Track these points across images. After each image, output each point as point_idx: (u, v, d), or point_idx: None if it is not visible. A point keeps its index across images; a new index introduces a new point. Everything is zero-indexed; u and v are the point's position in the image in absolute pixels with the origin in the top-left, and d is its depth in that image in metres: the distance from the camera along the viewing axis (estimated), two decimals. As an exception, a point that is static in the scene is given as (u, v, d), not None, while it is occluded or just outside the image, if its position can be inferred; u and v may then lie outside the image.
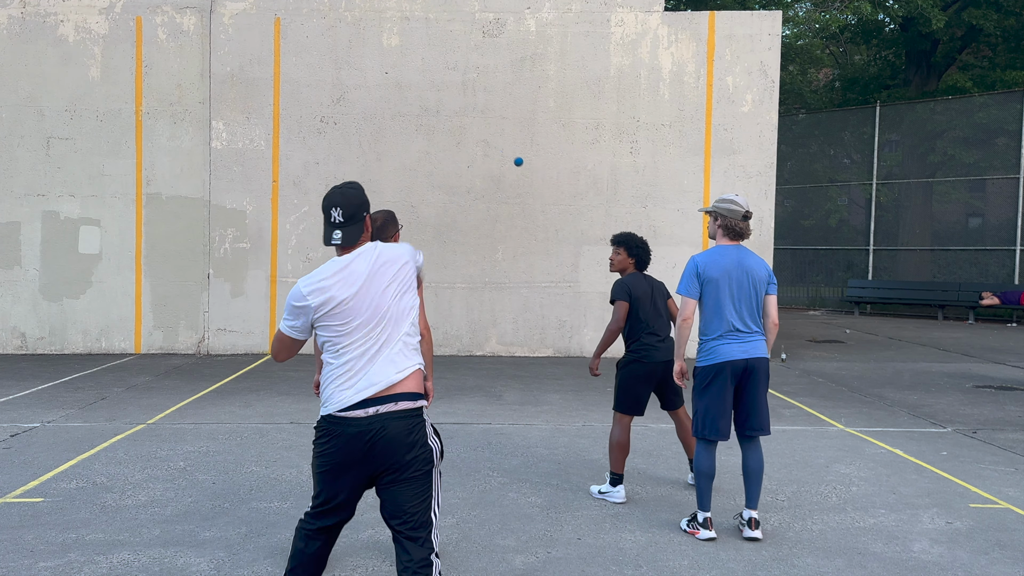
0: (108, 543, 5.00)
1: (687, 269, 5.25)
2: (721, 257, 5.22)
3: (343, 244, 3.44)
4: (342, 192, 3.50)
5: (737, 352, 5.14)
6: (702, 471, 5.26)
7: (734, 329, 5.16)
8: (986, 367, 12.79)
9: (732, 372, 5.15)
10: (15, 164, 13.11)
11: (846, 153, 26.50)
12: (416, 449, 3.36)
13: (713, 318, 5.19)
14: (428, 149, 13.32)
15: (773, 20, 13.38)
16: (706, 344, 5.23)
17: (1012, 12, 23.33)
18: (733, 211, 5.24)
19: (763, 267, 5.26)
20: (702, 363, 5.23)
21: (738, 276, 5.18)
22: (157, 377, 10.98)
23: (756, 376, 5.17)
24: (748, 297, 5.18)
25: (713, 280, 5.17)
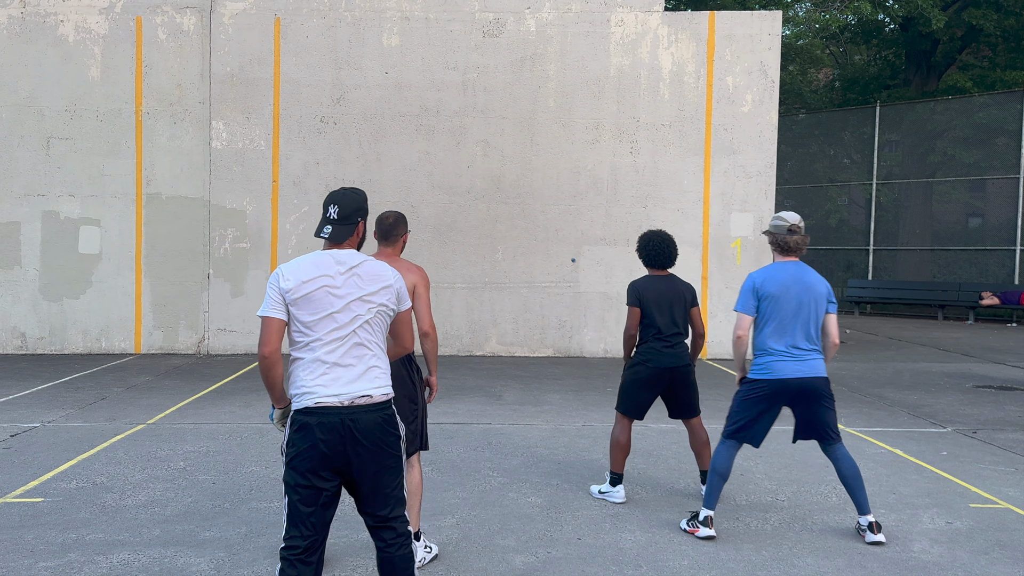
0: (108, 543, 5.00)
1: (745, 285, 5.19)
2: (779, 273, 5.14)
3: (330, 239, 3.63)
4: (343, 193, 3.71)
5: (792, 371, 5.08)
6: (717, 469, 5.23)
7: (791, 347, 5.09)
8: (986, 367, 12.79)
9: (782, 391, 5.09)
10: (15, 164, 13.11)
11: (846, 153, 26.50)
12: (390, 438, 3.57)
13: (769, 335, 5.11)
14: (428, 149, 13.32)
15: (773, 20, 13.38)
16: (762, 358, 5.16)
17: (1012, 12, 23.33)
18: (778, 226, 5.20)
19: (823, 284, 5.17)
20: (754, 375, 5.18)
21: (797, 292, 5.09)
22: (157, 377, 10.98)
23: (816, 394, 5.11)
24: (807, 314, 5.09)
25: (771, 296, 5.10)
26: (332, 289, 3.51)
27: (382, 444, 3.49)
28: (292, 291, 3.49)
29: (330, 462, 3.43)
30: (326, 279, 3.51)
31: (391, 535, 3.54)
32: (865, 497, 5.18)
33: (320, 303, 3.49)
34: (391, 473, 3.54)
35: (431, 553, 4.77)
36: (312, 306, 3.49)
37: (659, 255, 5.91)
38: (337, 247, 3.63)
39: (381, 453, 3.50)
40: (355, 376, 3.50)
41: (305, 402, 3.45)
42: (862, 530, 5.21)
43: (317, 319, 3.50)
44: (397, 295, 3.65)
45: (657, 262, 5.93)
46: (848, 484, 5.19)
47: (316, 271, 3.53)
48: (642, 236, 6.04)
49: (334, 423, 3.42)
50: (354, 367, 3.51)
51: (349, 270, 3.56)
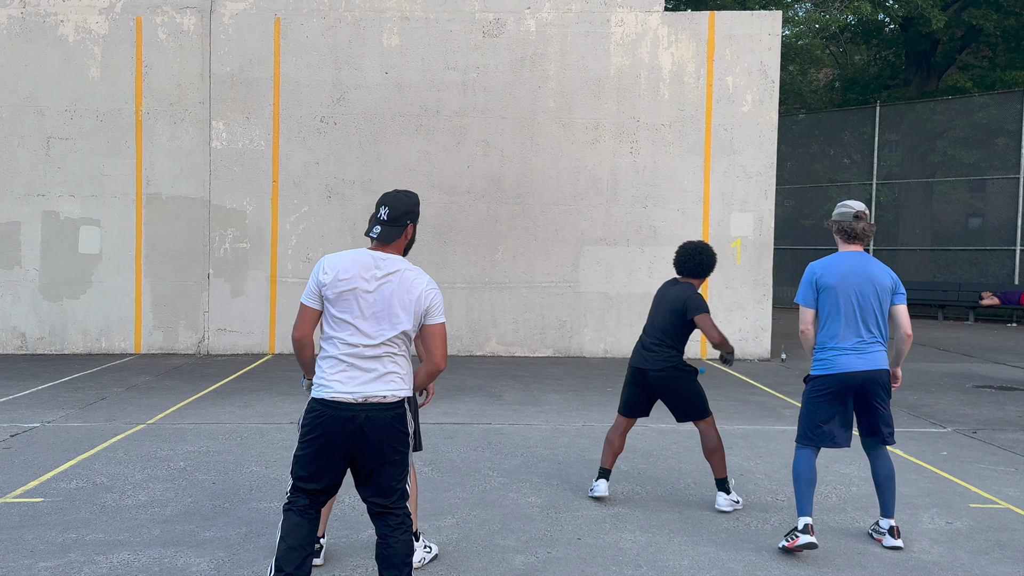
0: (108, 543, 5.00)
1: (805, 276, 5.04)
2: (840, 263, 4.97)
3: (379, 239, 3.70)
4: (396, 195, 3.78)
5: (856, 364, 4.90)
6: (800, 475, 5.02)
7: (854, 339, 4.92)
8: (986, 367, 12.79)
9: (848, 385, 4.93)
10: (15, 164, 13.11)
11: (846, 153, 26.49)
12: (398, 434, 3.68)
13: (831, 327, 4.95)
14: (428, 149, 13.32)
15: (773, 20, 13.39)
16: (823, 353, 5.00)
17: (1012, 12, 23.33)
18: (843, 213, 5.05)
19: (887, 274, 4.99)
20: (816, 371, 5.02)
21: (857, 283, 4.92)
22: (157, 377, 10.98)
23: (876, 388, 4.94)
24: (870, 305, 4.91)
25: (830, 287, 4.93)
26: (363, 293, 3.61)
27: (389, 440, 3.61)
28: (328, 285, 3.62)
29: (336, 450, 3.60)
30: (361, 281, 3.61)
31: (394, 520, 3.68)
32: (894, 501, 5.09)
33: (348, 304, 3.61)
34: (395, 467, 3.66)
35: (431, 553, 4.77)
36: (341, 305, 3.62)
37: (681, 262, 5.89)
38: (384, 248, 3.72)
39: (386, 449, 3.61)
40: (371, 379, 3.61)
41: (322, 393, 3.62)
42: (880, 533, 5.11)
43: (343, 319, 3.62)
44: (427, 309, 3.68)
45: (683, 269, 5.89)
46: (881, 485, 5.08)
47: (354, 270, 3.62)
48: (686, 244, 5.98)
49: (345, 418, 3.57)
50: (372, 372, 3.62)
51: (386, 276, 3.63)
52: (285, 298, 13.27)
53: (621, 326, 13.40)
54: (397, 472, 3.66)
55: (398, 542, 3.66)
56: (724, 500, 5.74)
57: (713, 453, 5.74)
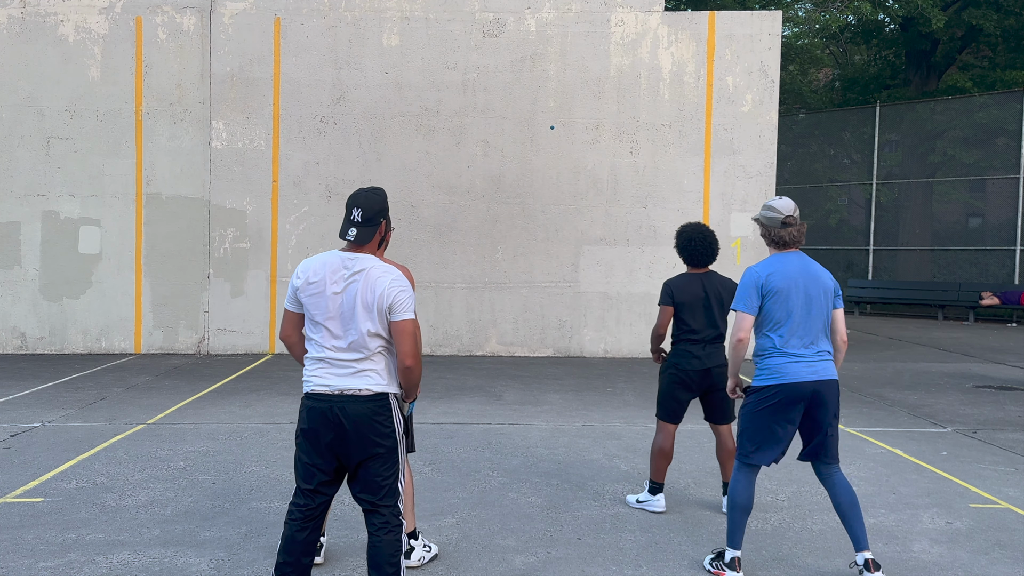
0: (108, 543, 5.00)
1: (745, 280, 4.56)
2: (784, 265, 4.56)
3: (355, 242, 3.74)
4: (367, 195, 3.81)
5: (804, 374, 4.47)
6: (736, 501, 4.58)
7: (799, 347, 4.50)
8: (986, 367, 12.79)
9: (797, 396, 4.47)
10: (15, 164, 13.11)
11: (846, 153, 26.49)
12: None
13: (775, 334, 4.52)
14: (428, 149, 13.32)
15: (773, 20, 13.38)
16: (766, 362, 4.56)
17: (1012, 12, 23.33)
18: (771, 218, 4.60)
19: (829, 277, 4.63)
20: (760, 382, 4.54)
21: (806, 285, 4.52)
22: (157, 377, 10.98)
23: (825, 400, 4.50)
24: (818, 310, 4.53)
25: (777, 291, 4.49)
26: (332, 295, 3.69)
27: (368, 433, 3.65)
28: (300, 289, 3.75)
29: (319, 442, 3.69)
30: (329, 283, 3.69)
31: (379, 519, 3.72)
32: (864, 530, 4.50)
33: (318, 306, 3.71)
34: (380, 461, 3.70)
35: (431, 552, 4.77)
36: (313, 308, 3.73)
37: (697, 252, 5.62)
38: (359, 249, 3.76)
39: (367, 442, 3.66)
40: (346, 374, 3.69)
41: (305, 388, 3.77)
42: (858, 567, 4.49)
43: (316, 321, 3.73)
44: (390, 306, 3.68)
45: (697, 260, 5.65)
46: (845, 515, 4.52)
47: (323, 272, 3.71)
48: (686, 229, 5.69)
49: (323, 409, 3.66)
50: (348, 368, 3.69)
51: (352, 276, 3.69)
52: (285, 298, 13.26)
53: (621, 326, 13.39)
54: (382, 468, 3.70)
55: (382, 542, 3.69)
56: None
57: (732, 456, 5.70)
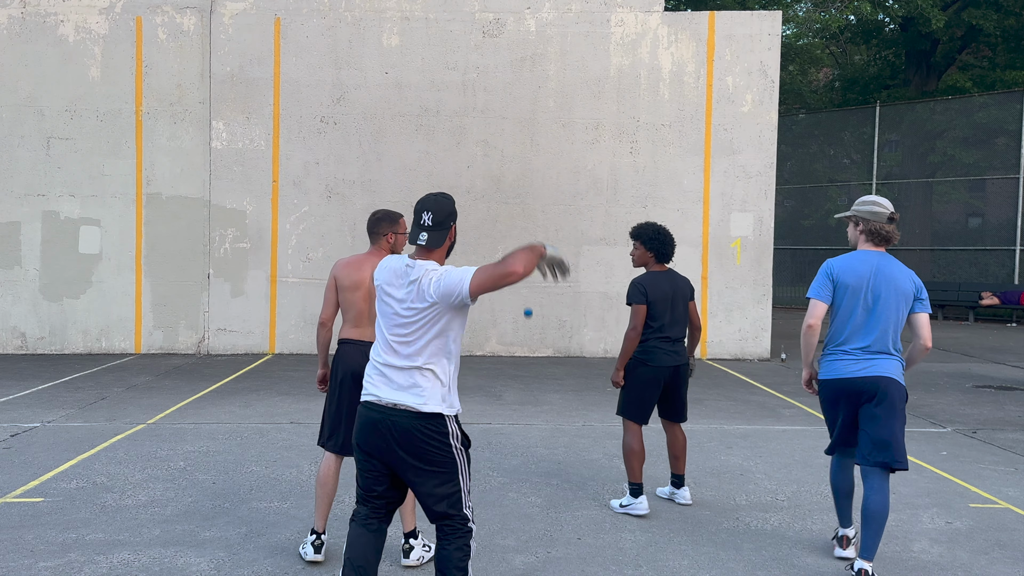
0: (108, 543, 5.00)
1: (821, 271, 4.70)
2: (860, 263, 4.61)
3: (427, 246, 3.64)
4: (436, 199, 3.70)
5: (858, 370, 4.53)
6: (838, 488, 4.86)
7: (861, 344, 4.56)
8: (986, 367, 12.79)
9: (852, 391, 4.56)
10: (15, 164, 13.11)
11: (846, 153, 26.50)
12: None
13: (840, 329, 4.62)
14: (428, 149, 13.32)
15: (773, 20, 13.39)
16: (828, 356, 4.70)
17: (1012, 12, 23.33)
18: (877, 213, 4.64)
19: (909, 279, 4.59)
20: (822, 376, 4.72)
21: (875, 286, 4.55)
22: (157, 377, 10.98)
23: (882, 399, 4.48)
24: (887, 311, 4.53)
25: (847, 287, 4.59)
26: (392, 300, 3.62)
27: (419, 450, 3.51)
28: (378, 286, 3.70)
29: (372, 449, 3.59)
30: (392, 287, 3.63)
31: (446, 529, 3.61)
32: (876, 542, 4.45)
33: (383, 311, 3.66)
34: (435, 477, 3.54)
35: (430, 552, 4.77)
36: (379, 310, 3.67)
37: (667, 248, 5.75)
38: (428, 254, 3.64)
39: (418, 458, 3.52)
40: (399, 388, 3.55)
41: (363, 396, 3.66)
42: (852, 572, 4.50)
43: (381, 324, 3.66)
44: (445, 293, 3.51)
45: (665, 256, 5.77)
46: (867, 519, 4.46)
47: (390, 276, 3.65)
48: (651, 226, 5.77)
49: (375, 419, 3.56)
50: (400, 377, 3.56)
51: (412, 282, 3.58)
52: (285, 298, 13.28)
53: (621, 326, 13.39)
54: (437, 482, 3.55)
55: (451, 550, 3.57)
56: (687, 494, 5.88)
57: (684, 452, 5.88)
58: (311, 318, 13.25)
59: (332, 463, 4.78)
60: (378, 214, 4.93)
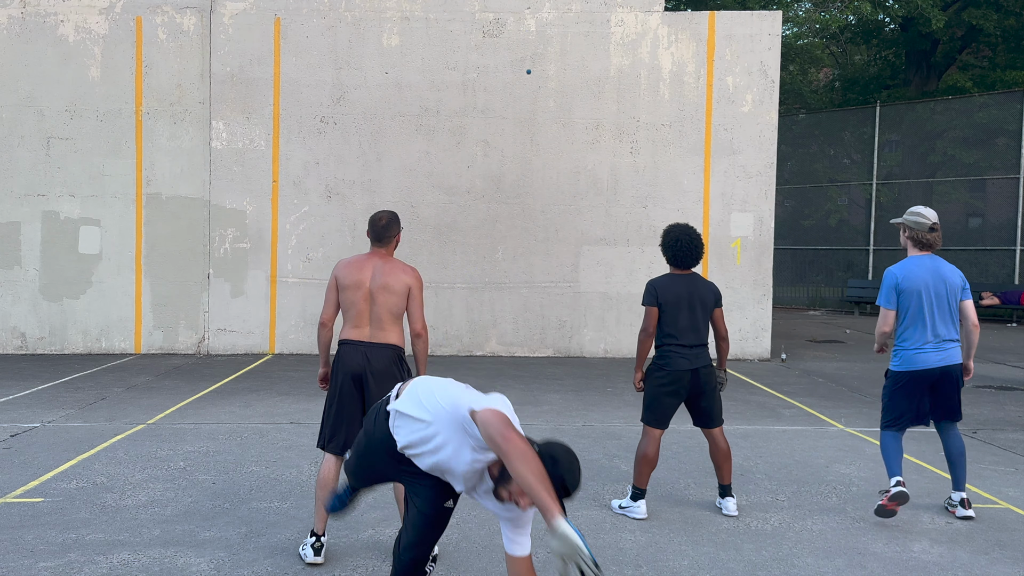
0: (108, 543, 5.00)
1: (886, 281, 5.56)
2: (918, 268, 5.50)
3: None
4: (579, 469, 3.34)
5: (934, 360, 5.48)
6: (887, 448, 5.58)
7: (931, 338, 5.48)
8: (986, 367, 12.79)
9: (925, 379, 5.51)
10: (15, 164, 13.11)
11: (846, 153, 26.49)
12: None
13: (910, 328, 5.50)
14: (428, 149, 13.32)
15: (773, 20, 13.38)
16: (902, 352, 5.54)
17: (1012, 12, 23.33)
18: (920, 223, 5.54)
19: (957, 274, 5.55)
20: (897, 368, 5.58)
21: (935, 286, 5.47)
22: (157, 377, 10.98)
23: (950, 380, 5.53)
24: (945, 306, 5.49)
25: (910, 291, 5.48)
26: None
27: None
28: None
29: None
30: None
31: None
32: (964, 475, 5.63)
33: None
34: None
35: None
36: None
37: (683, 253, 5.58)
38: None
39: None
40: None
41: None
42: (952, 505, 5.64)
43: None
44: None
45: (682, 262, 5.61)
46: (953, 461, 5.62)
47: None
48: (672, 230, 5.66)
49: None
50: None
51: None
52: (285, 298, 13.28)
53: (621, 326, 13.39)
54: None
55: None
56: (732, 504, 5.67)
57: (727, 459, 5.68)
58: (311, 318, 13.25)
59: (333, 465, 4.77)
60: (389, 215, 4.91)
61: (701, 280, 5.66)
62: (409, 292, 4.78)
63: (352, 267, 4.84)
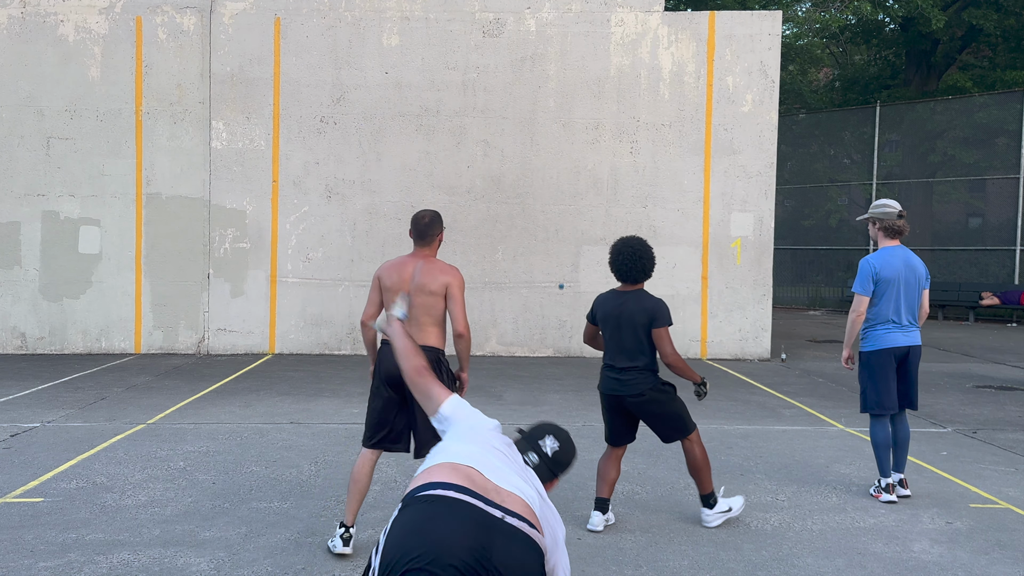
0: (108, 543, 5.00)
1: (862, 270, 5.92)
2: (892, 258, 5.91)
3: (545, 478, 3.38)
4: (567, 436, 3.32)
5: (901, 340, 5.92)
6: (877, 442, 5.92)
7: (899, 321, 5.92)
8: (986, 367, 12.79)
9: (896, 357, 5.94)
10: (15, 164, 13.10)
11: (846, 153, 26.49)
12: None
13: (881, 311, 5.91)
14: (428, 149, 13.32)
15: (773, 20, 13.38)
16: (872, 332, 5.95)
17: (1012, 12, 23.33)
18: (888, 213, 5.94)
19: (923, 265, 6.01)
20: (870, 348, 5.96)
21: (906, 275, 5.91)
22: (157, 377, 10.98)
23: (912, 360, 5.97)
24: (913, 294, 5.93)
25: (887, 280, 5.88)
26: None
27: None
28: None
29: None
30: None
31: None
32: (905, 459, 6.06)
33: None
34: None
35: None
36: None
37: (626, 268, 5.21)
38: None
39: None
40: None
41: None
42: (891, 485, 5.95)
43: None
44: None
45: (627, 276, 5.23)
46: (899, 445, 6.02)
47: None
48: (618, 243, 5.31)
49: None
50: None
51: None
52: (285, 298, 13.28)
53: (621, 326, 13.38)
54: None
55: None
56: (710, 515, 5.33)
57: (699, 471, 5.26)
58: (311, 318, 13.26)
59: (368, 460, 4.82)
60: (431, 214, 4.89)
61: (639, 298, 5.20)
62: (448, 292, 4.76)
63: (394, 268, 4.83)
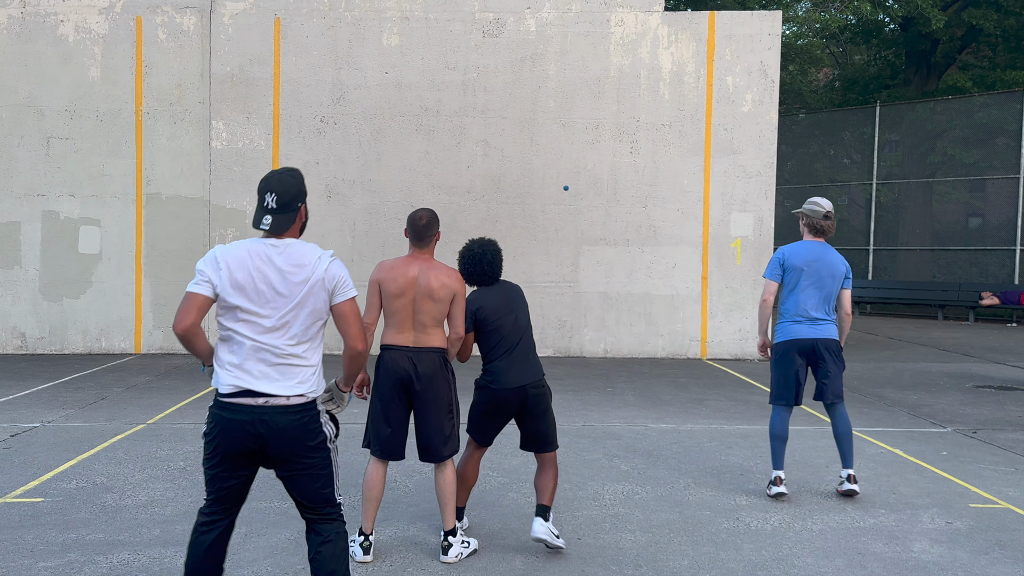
0: (108, 543, 5.00)
1: (774, 257, 6.04)
2: (804, 250, 5.99)
3: (271, 231, 3.47)
4: (280, 178, 3.49)
5: (806, 332, 5.94)
6: (775, 433, 5.99)
7: (807, 314, 5.94)
8: (986, 367, 12.79)
9: (800, 350, 5.95)
10: (15, 164, 13.10)
11: (846, 153, 26.49)
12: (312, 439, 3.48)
13: (789, 302, 5.98)
14: (428, 149, 13.32)
15: (773, 20, 13.38)
16: (781, 324, 6.02)
17: (1012, 12, 23.33)
18: (815, 211, 6.02)
19: (842, 263, 6.01)
20: (777, 340, 6.07)
21: (817, 268, 5.93)
22: (157, 377, 10.98)
23: (827, 355, 5.96)
24: (824, 287, 5.93)
25: (794, 269, 5.95)
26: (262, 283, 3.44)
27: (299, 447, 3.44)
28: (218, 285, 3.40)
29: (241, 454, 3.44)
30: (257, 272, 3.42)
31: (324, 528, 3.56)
32: (851, 452, 6.04)
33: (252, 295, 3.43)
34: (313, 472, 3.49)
35: (468, 548, 4.87)
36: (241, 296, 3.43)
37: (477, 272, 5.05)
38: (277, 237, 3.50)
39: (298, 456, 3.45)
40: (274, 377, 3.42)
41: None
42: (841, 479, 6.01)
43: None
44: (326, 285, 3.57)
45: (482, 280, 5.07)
46: (840, 439, 6.02)
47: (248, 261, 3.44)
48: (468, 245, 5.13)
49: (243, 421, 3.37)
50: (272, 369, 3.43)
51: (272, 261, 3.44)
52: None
53: (621, 326, 13.39)
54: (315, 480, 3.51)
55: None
56: (542, 527, 4.79)
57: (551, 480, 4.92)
58: (311, 318, 13.23)
59: (379, 467, 4.83)
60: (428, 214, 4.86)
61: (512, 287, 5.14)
62: (454, 298, 4.82)
63: (395, 271, 4.81)
